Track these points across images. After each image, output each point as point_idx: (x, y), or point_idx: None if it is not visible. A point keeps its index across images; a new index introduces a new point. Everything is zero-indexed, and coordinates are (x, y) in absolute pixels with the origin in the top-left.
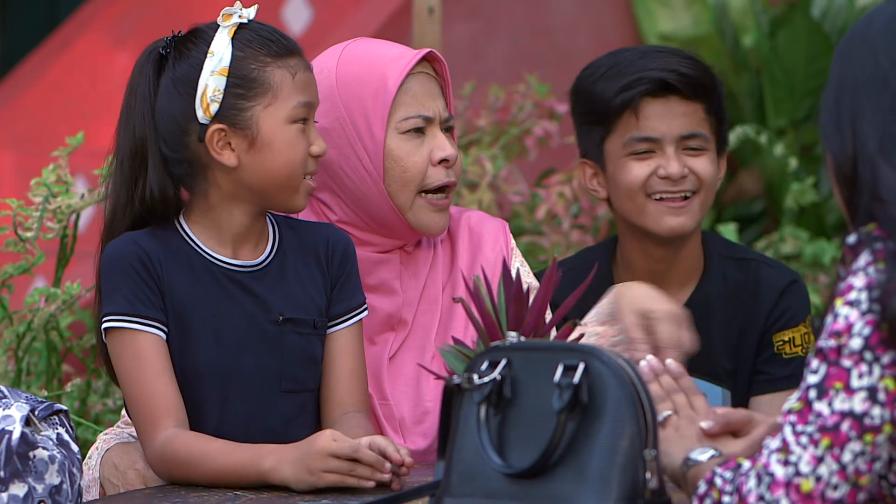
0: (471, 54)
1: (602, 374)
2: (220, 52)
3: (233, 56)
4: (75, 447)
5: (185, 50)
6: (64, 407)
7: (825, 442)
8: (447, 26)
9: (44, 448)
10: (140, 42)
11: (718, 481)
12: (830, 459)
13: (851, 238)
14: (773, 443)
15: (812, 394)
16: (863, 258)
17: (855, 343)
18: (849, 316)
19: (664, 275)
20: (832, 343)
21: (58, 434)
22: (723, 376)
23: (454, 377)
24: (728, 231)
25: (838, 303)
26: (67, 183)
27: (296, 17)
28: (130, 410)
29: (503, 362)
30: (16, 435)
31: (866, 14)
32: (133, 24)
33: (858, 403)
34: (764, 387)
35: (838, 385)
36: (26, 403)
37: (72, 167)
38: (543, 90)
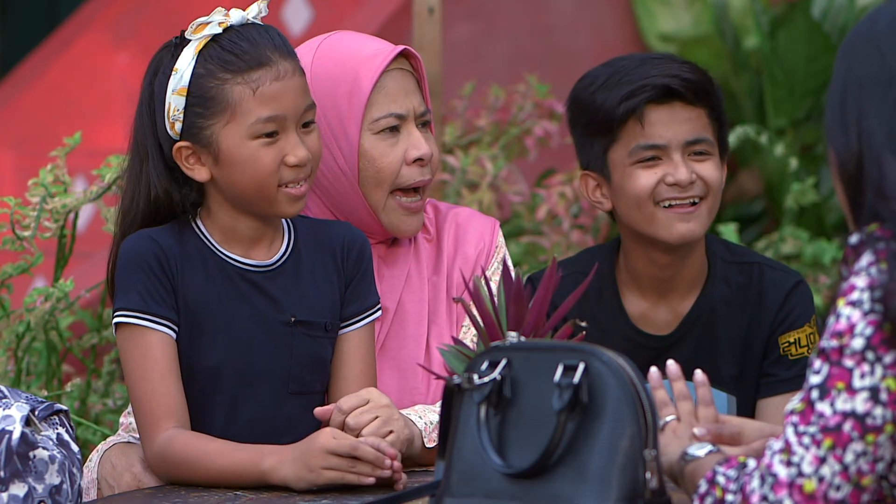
0: (471, 54)
1: (602, 374)
2: (182, 70)
3: (193, 74)
4: (75, 447)
5: (164, 63)
6: (64, 407)
7: (827, 442)
8: (447, 26)
9: (44, 448)
10: (140, 42)
11: (721, 479)
12: (833, 460)
13: (854, 238)
14: (777, 443)
15: (814, 394)
16: (865, 258)
17: (857, 343)
18: (851, 316)
19: (669, 282)
20: (834, 343)
21: (58, 434)
22: (728, 382)
23: (454, 377)
24: (728, 231)
25: (840, 303)
26: (65, 183)
27: (296, 17)
28: (133, 408)
29: (503, 362)
30: (16, 435)
31: (870, 13)
32: (133, 24)
33: (860, 404)
34: (771, 389)
35: (840, 385)
36: (26, 403)
37: (71, 167)
38: (543, 90)
